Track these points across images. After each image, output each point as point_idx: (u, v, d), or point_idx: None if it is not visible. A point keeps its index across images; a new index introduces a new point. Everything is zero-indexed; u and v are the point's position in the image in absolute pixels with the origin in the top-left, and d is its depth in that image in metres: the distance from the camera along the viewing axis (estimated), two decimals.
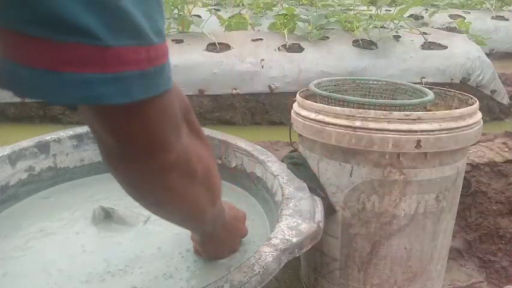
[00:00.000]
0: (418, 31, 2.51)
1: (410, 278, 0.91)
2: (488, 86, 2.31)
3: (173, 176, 0.41)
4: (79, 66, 0.27)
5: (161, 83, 0.34)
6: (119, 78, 0.29)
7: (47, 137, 1.04)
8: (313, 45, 2.34)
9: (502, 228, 1.21)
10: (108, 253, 0.78)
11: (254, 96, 2.21)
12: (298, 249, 0.67)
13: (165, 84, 0.34)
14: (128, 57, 0.29)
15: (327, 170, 0.89)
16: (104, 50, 0.28)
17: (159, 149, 0.38)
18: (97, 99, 0.29)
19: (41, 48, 0.26)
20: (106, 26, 0.27)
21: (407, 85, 1.04)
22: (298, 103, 0.94)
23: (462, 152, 0.86)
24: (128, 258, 0.77)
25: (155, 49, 0.32)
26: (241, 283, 0.57)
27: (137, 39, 0.30)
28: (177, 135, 0.40)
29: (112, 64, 0.29)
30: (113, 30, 0.28)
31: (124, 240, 0.82)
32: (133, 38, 0.29)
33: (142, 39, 0.30)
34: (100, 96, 0.29)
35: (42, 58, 0.27)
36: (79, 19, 0.26)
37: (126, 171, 0.40)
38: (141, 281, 0.71)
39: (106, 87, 0.29)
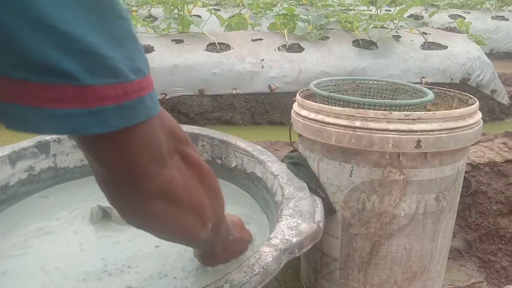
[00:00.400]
0: (418, 31, 2.51)
1: (410, 278, 0.91)
2: (488, 86, 2.31)
3: (156, 204, 0.44)
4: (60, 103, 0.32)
5: (139, 114, 0.37)
6: (97, 112, 0.33)
7: (47, 137, 1.04)
8: (313, 45, 2.34)
9: (502, 228, 1.21)
10: (105, 252, 0.78)
11: (254, 96, 2.21)
12: (298, 249, 0.67)
13: (143, 115, 0.38)
14: (106, 94, 0.34)
15: (327, 170, 0.89)
16: (83, 89, 0.32)
17: (139, 177, 0.41)
18: (77, 130, 0.33)
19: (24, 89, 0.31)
20: (85, 69, 0.32)
21: (407, 85, 1.04)
22: (298, 103, 0.94)
23: (462, 152, 0.86)
24: (126, 257, 0.77)
25: (131, 85, 0.36)
26: (241, 283, 0.57)
27: (114, 78, 0.34)
28: (160, 164, 0.42)
29: (90, 100, 0.33)
30: (91, 71, 0.32)
31: (121, 240, 0.82)
32: (110, 77, 0.34)
33: (119, 77, 0.34)
34: (80, 127, 0.33)
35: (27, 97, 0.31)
36: (58, 64, 0.30)
37: (112, 196, 0.44)
38: (136, 280, 0.71)
39: (85, 119, 0.33)
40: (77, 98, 0.32)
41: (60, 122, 0.32)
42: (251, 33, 2.59)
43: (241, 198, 1.01)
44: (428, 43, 2.38)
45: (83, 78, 0.32)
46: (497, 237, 1.22)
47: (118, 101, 0.35)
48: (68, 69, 0.31)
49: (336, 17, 2.58)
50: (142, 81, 0.37)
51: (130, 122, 0.37)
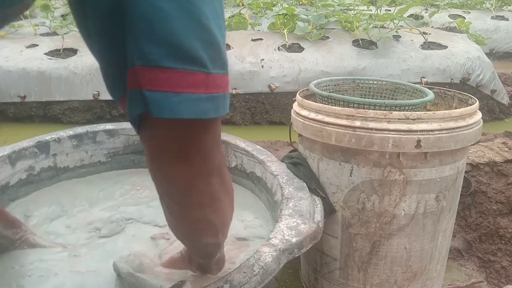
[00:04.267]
0: (418, 31, 2.50)
1: (410, 278, 0.91)
2: (488, 86, 2.31)
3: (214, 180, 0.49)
4: (192, 88, 0.37)
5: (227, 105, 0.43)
6: (214, 98, 0.39)
7: (47, 137, 1.04)
8: (313, 45, 2.34)
9: (502, 228, 1.21)
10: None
11: (254, 96, 2.21)
12: (298, 249, 0.67)
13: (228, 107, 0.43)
14: (219, 82, 0.40)
15: (327, 169, 0.89)
16: (207, 76, 0.38)
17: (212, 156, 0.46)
18: (202, 114, 0.39)
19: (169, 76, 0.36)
20: (210, 58, 0.38)
21: (407, 85, 1.03)
22: (298, 103, 0.94)
23: (462, 152, 0.86)
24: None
25: (227, 77, 0.42)
26: (241, 283, 0.57)
27: (222, 69, 0.40)
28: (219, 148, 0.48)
29: (211, 87, 0.39)
30: (213, 61, 0.38)
31: None
32: (221, 68, 0.40)
33: (225, 69, 0.41)
34: (204, 111, 0.39)
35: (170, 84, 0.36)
36: (197, 53, 0.37)
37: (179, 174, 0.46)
38: None
39: (207, 105, 0.39)
40: (204, 84, 0.38)
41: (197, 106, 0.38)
42: (251, 33, 2.59)
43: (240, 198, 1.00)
44: (428, 43, 2.38)
45: (209, 66, 0.38)
46: (497, 237, 1.22)
47: (224, 90, 0.40)
48: (202, 57, 0.37)
49: (336, 17, 2.58)
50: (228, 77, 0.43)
51: (226, 110, 0.42)
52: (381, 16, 2.48)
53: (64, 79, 2.17)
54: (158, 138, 0.43)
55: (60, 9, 3.22)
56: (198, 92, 0.38)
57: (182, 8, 0.35)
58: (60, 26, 2.61)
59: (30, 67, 2.16)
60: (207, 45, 0.37)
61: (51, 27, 2.78)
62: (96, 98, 2.15)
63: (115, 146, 1.13)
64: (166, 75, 0.36)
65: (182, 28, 0.35)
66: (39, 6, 2.84)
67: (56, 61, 2.21)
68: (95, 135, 1.11)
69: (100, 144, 1.11)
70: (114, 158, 1.13)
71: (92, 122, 2.09)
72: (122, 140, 1.13)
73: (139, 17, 0.35)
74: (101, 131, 1.11)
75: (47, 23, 2.83)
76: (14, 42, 2.40)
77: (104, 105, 2.20)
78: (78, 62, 2.20)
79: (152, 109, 0.37)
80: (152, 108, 0.37)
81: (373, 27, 2.42)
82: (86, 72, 2.17)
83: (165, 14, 0.34)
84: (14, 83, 2.15)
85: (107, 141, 1.12)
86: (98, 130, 1.11)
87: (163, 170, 0.46)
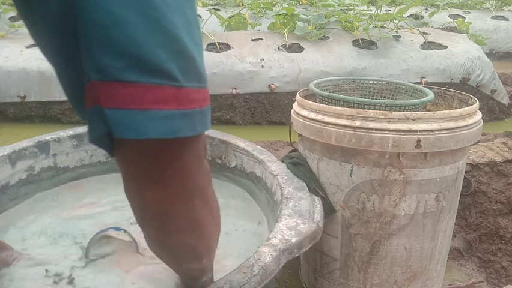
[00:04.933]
0: (418, 31, 2.50)
1: (410, 278, 0.91)
2: (488, 86, 2.30)
3: (196, 203, 0.44)
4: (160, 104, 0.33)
5: (208, 121, 0.39)
6: (188, 114, 0.35)
7: (47, 137, 1.04)
8: (313, 45, 2.34)
9: (502, 228, 1.21)
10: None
11: (254, 96, 2.21)
12: (297, 249, 0.67)
13: (209, 123, 0.39)
14: (193, 97, 0.35)
15: (327, 169, 0.89)
16: (180, 90, 0.34)
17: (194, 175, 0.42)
18: (173, 133, 0.34)
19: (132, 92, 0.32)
20: (181, 70, 0.33)
21: (407, 85, 1.03)
22: (298, 103, 0.94)
23: (462, 152, 0.86)
24: None
25: (207, 91, 0.37)
26: (241, 284, 0.57)
27: (198, 82, 0.36)
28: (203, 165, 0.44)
29: (184, 102, 0.34)
30: (185, 73, 0.34)
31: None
32: (196, 81, 0.35)
33: (202, 82, 0.36)
34: (175, 130, 0.34)
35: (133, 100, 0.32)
36: (164, 64, 0.32)
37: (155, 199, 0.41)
38: None
39: (180, 122, 0.34)
40: (175, 100, 0.33)
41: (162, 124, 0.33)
42: (251, 33, 2.59)
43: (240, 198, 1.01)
44: (428, 43, 2.38)
45: (180, 79, 0.33)
46: (497, 237, 1.22)
47: (200, 106, 0.36)
48: (170, 69, 0.32)
49: (336, 17, 2.58)
50: (208, 91, 0.38)
51: (206, 127, 0.38)
52: (381, 16, 2.48)
53: None
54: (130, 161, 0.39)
55: None
56: (169, 108, 0.33)
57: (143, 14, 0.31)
58: None
59: (30, 67, 2.16)
60: (175, 55, 0.33)
61: None
62: None
63: None
64: (128, 90, 0.31)
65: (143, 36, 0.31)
66: None
67: None
68: None
69: None
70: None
71: None
72: None
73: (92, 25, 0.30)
74: None
75: None
76: (14, 42, 2.40)
77: None
78: None
79: (114, 129, 0.32)
80: (114, 129, 0.32)
81: (373, 27, 2.42)
82: None
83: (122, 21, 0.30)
84: (14, 83, 2.15)
85: None
86: None
87: (137, 195, 0.42)
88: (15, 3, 0.36)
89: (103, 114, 0.32)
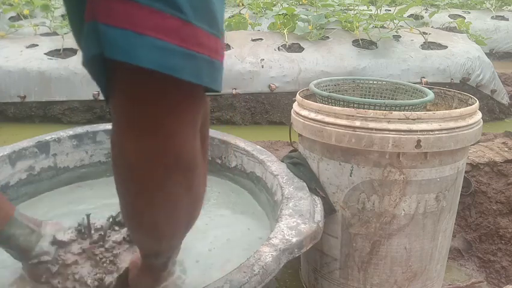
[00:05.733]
0: (418, 31, 2.50)
1: (410, 278, 0.91)
2: (488, 86, 2.31)
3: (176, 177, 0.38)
4: (160, 33, 0.29)
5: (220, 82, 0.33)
6: (192, 56, 0.30)
7: (47, 137, 1.04)
8: (313, 45, 2.34)
9: (502, 228, 1.21)
10: None
11: (254, 96, 2.21)
12: (298, 249, 0.67)
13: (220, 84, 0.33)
14: (202, 40, 0.30)
15: (327, 169, 0.89)
16: (184, 24, 0.29)
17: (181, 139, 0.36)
18: (170, 69, 0.29)
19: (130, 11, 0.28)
20: (190, 4, 0.29)
21: (407, 85, 1.04)
22: (298, 103, 0.94)
23: (462, 152, 0.86)
24: None
25: (222, 43, 0.33)
26: (241, 283, 0.57)
27: (211, 27, 0.31)
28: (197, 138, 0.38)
29: (189, 40, 0.30)
30: (195, 9, 0.30)
31: None
32: (209, 24, 0.31)
33: (215, 29, 0.32)
34: (173, 67, 0.29)
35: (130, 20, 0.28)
36: None
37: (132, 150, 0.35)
38: None
39: (180, 61, 0.30)
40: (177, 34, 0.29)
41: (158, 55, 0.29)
42: (251, 33, 2.59)
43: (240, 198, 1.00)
44: (428, 43, 2.38)
45: (187, 12, 0.29)
46: (497, 237, 1.22)
47: (210, 54, 0.31)
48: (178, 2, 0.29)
49: (336, 17, 2.58)
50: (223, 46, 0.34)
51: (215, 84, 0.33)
52: (381, 16, 2.48)
53: (64, 79, 2.17)
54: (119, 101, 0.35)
55: (60, 9, 3.22)
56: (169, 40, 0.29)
57: None
58: (60, 26, 2.61)
59: (30, 67, 2.16)
60: None
61: (51, 27, 2.78)
62: (96, 98, 2.15)
63: None
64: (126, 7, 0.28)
65: None
66: (39, 6, 2.84)
67: (56, 61, 2.21)
68: (95, 135, 1.11)
69: (100, 144, 1.12)
70: None
71: (92, 122, 2.08)
72: None
73: None
74: (101, 131, 1.11)
75: (47, 23, 2.83)
76: (14, 42, 2.40)
77: (104, 105, 2.20)
78: (78, 62, 2.20)
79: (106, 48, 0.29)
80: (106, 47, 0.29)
81: (373, 27, 2.42)
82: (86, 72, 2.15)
83: None
84: (14, 83, 2.15)
85: (107, 141, 1.12)
86: (98, 130, 1.11)
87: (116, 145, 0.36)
88: None
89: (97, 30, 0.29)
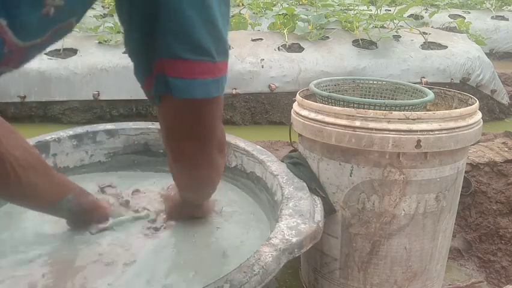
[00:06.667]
0: (418, 31, 2.51)
1: (410, 278, 0.91)
2: (488, 86, 2.31)
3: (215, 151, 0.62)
4: (203, 75, 0.48)
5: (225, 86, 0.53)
6: (217, 80, 0.50)
7: (47, 137, 1.04)
8: (313, 45, 2.34)
9: (502, 228, 1.21)
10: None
11: (254, 96, 2.21)
12: (298, 249, 0.67)
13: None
14: (221, 68, 0.49)
15: (327, 169, 0.89)
16: (214, 64, 0.48)
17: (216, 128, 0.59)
18: (209, 94, 0.50)
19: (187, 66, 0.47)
20: (216, 51, 0.47)
21: (407, 85, 1.04)
22: (298, 103, 0.94)
23: (462, 152, 0.86)
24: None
25: (227, 62, 0.51)
26: (241, 283, 0.57)
27: (224, 57, 0.49)
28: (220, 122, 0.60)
29: (216, 72, 0.49)
30: (218, 52, 0.48)
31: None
32: (223, 56, 0.49)
33: (226, 56, 0.50)
34: (211, 91, 0.50)
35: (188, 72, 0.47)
36: (209, 47, 0.47)
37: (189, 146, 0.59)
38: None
39: (213, 86, 0.49)
40: (211, 71, 0.48)
41: (206, 88, 0.48)
42: (251, 33, 2.59)
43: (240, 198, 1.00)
44: (428, 43, 2.38)
45: (215, 57, 0.47)
46: (497, 237, 1.22)
47: (224, 73, 0.50)
48: (211, 50, 0.46)
49: (336, 17, 2.58)
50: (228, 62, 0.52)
51: (223, 90, 0.52)
52: (381, 16, 2.48)
53: (64, 79, 2.17)
54: (173, 114, 0.54)
55: None
56: (207, 77, 0.48)
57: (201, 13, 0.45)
58: None
59: (30, 67, 2.16)
60: (215, 40, 0.47)
61: None
62: (96, 98, 2.15)
63: (115, 146, 1.13)
64: (187, 66, 0.46)
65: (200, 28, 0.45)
66: None
67: (56, 61, 2.21)
68: (95, 135, 1.11)
69: (100, 144, 1.11)
70: (114, 158, 1.13)
71: (92, 122, 2.08)
72: (122, 140, 1.13)
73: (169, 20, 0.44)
74: (101, 131, 1.11)
75: None
76: None
77: (104, 105, 2.20)
78: (78, 62, 2.20)
79: (174, 92, 0.48)
80: (174, 91, 0.48)
81: (373, 27, 2.42)
82: (86, 72, 2.17)
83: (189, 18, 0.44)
84: (14, 83, 2.15)
85: (107, 141, 1.12)
86: (98, 130, 1.11)
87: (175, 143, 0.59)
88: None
89: (166, 80, 0.47)
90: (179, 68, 0.46)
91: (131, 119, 1.92)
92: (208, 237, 0.85)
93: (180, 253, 0.79)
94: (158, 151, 1.14)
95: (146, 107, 2.19)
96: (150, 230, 0.85)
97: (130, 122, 1.17)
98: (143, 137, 1.14)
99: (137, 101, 2.17)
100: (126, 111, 2.21)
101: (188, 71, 0.47)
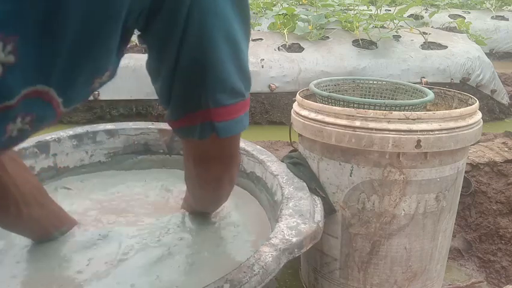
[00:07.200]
0: (418, 31, 2.51)
1: (410, 278, 0.91)
2: (488, 86, 2.31)
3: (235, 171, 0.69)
4: (240, 112, 0.55)
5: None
6: (247, 113, 0.56)
7: (47, 137, 1.04)
8: (313, 45, 2.34)
9: (502, 228, 1.21)
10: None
11: (254, 96, 2.20)
12: (298, 249, 0.67)
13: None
14: (247, 104, 0.56)
15: (327, 169, 0.89)
16: (246, 101, 0.55)
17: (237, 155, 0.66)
18: (244, 128, 0.57)
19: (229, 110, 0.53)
20: (247, 90, 0.54)
21: (407, 85, 1.04)
22: (298, 103, 0.94)
23: (462, 152, 0.86)
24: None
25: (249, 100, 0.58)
26: (241, 283, 0.57)
27: (249, 92, 0.56)
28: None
29: (246, 108, 0.56)
30: (247, 90, 0.54)
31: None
32: (249, 91, 0.56)
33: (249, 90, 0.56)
34: (245, 125, 0.56)
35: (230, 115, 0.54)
36: (244, 91, 0.53)
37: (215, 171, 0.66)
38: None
39: (245, 119, 0.56)
40: (244, 107, 0.55)
41: (242, 122, 0.56)
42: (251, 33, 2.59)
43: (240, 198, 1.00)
44: (428, 43, 2.38)
45: (246, 95, 0.55)
46: (497, 237, 1.22)
47: (248, 108, 0.57)
48: (244, 92, 0.54)
49: (336, 17, 2.58)
50: None
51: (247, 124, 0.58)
52: (381, 16, 2.48)
53: None
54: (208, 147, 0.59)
55: None
56: (242, 113, 0.55)
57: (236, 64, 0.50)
58: None
59: None
60: (246, 82, 0.54)
61: None
62: (96, 98, 2.15)
63: (115, 146, 1.13)
64: (228, 110, 0.53)
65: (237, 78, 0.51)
66: None
67: None
68: (95, 135, 1.11)
69: (100, 144, 1.11)
70: (114, 158, 1.14)
71: (92, 122, 2.08)
72: (122, 140, 1.13)
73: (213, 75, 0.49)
74: (101, 131, 1.11)
75: None
76: None
77: (104, 105, 2.20)
78: None
79: (220, 133, 0.54)
80: (220, 133, 0.54)
81: (373, 27, 2.42)
82: None
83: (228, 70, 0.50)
84: None
85: (107, 141, 1.12)
86: (98, 130, 1.11)
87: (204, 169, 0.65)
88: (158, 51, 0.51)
89: (212, 125, 0.53)
90: (223, 113, 0.53)
91: (131, 119, 1.92)
92: (207, 236, 0.85)
93: (176, 252, 0.79)
94: (158, 151, 1.14)
95: (146, 107, 2.19)
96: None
97: (130, 122, 1.17)
98: (143, 137, 1.14)
99: (137, 101, 2.17)
100: (126, 111, 2.21)
101: (230, 113, 0.54)
